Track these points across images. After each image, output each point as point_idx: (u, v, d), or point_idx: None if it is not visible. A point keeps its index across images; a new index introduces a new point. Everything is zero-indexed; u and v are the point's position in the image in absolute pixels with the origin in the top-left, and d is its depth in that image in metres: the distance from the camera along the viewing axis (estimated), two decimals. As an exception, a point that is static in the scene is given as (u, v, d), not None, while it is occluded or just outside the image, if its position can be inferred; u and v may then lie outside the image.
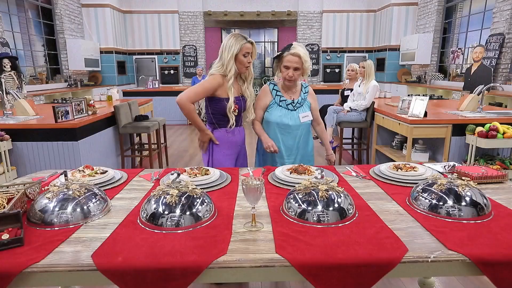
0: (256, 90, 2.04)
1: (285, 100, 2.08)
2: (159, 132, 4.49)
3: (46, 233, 1.08)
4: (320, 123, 2.29)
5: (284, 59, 1.98)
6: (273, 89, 2.12)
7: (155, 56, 9.09)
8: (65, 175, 1.29)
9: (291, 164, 1.74)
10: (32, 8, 6.85)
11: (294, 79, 2.01)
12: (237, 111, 2.00)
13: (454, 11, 7.31)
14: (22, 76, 4.93)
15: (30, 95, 4.77)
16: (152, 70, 9.15)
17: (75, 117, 3.17)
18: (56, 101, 5.48)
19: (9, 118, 3.36)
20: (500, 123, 2.99)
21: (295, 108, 2.08)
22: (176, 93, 8.12)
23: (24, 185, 1.32)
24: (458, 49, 6.96)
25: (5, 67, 4.66)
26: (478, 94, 3.62)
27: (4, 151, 2.91)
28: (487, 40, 5.65)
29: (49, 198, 1.17)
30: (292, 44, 1.99)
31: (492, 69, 5.35)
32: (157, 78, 9.07)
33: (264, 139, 2.05)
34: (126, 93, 7.89)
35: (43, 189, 1.38)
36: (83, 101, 3.34)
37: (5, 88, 4.18)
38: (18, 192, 1.24)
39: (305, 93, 2.15)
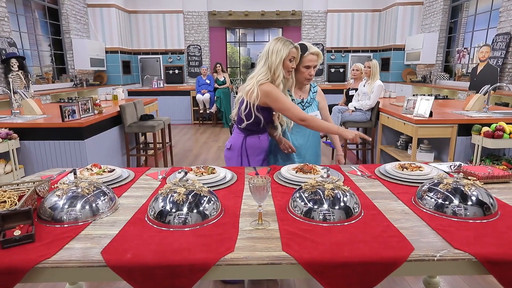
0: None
1: (294, 100, 2.09)
2: (164, 131, 4.52)
3: (56, 230, 1.10)
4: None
5: (305, 59, 1.97)
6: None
7: (160, 56, 9.12)
8: (74, 173, 1.31)
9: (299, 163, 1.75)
10: (38, 8, 6.91)
11: (312, 78, 2.04)
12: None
13: (460, 10, 7.26)
14: (29, 76, 4.98)
15: (37, 95, 4.82)
16: (157, 69, 9.19)
17: (81, 116, 3.20)
18: (62, 101, 5.53)
19: (17, 117, 3.40)
20: (507, 123, 2.97)
21: (305, 108, 2.09)
22: (180, 92, 8.25)
23: (34, 183, 1.34)
24: (464, 48, 6.91)
25: (12, 66, 4.72)
26: (484, 94, 3.60)
27: (12, 150, 2.95)
28: (493, 39, 5.60)
29: (58, 195, 1.19)
30: (304, 44, 1.99)
31: (499, 68, 5.31)
32: (162, 78, 9.11)
33: (279, 139, 2.05)
34: (131, 93, 7.94)
35: (52, 187, 1.40)
36: (89, 101, 3.38)
37: (13, 88, 4.23)
38: (28, 189, 1.26)
39: (314, 92, 2.16)
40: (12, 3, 5.99)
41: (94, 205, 1.20)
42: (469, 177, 1.28)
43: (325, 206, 1.15)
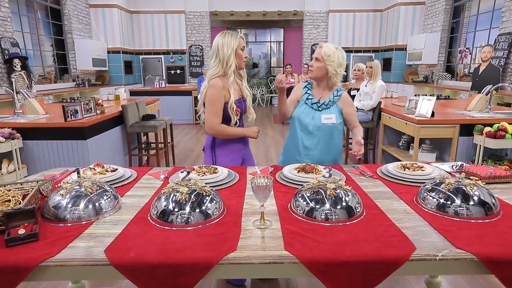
0: (262, 90, 2.03)
1: (311, 99, 2.08)
2: (166, 131, 4.52)
3: (59, 229, 1.11)
4: (356, 126, 2.17)
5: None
6: (305, 86, 2.15)
7: (162, 56, 9.15)
8: (78, 173, 1.32)
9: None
10: (41, 8, 6.94)
11: (313, 70, 2.03)
12: (239, 114, 1.95)
13: (462, 10, 7.25)
14: (31, 76, 5.00)
15: (40, 95, 4.84)
16: (159, 69, 9.22)
17: (84, 116, 3.21)
18: (64, 101, 5.55)
19: (20, 117, 3.42)
20: (509, 123, 2.97)
21: (320, 109, 2.06)
22: (182, 92, 8.26)
23: (38, 182, 1.35)
24: (466, 48, 6.90)
25: (15, 67, 4.74)
26: (486, 94, 3.59)
27: (15, 150, 2.96)
28: (495, 39, 5.59)
29: (62, 194, 1.20)
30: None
31: (501, 69, 5.30)
32: (164, 78, 9.13)
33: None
34: (133, 93, 7.96)
35: (55, 186, 1.40)
36: (92, 101, 3.38)
37: (16, 88, 4.24)
38: (32, 189, 1.27)
39: (336, 96, 2.10)
40: (15, 3, 6.02)
41: (97, 204, 1.21)
42: (471, 177, 1.28)
43: (327, 205, 1.16)
